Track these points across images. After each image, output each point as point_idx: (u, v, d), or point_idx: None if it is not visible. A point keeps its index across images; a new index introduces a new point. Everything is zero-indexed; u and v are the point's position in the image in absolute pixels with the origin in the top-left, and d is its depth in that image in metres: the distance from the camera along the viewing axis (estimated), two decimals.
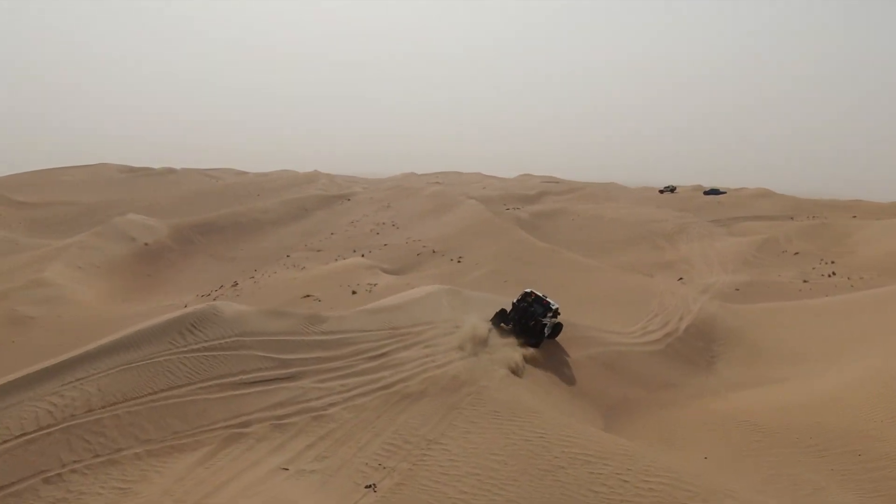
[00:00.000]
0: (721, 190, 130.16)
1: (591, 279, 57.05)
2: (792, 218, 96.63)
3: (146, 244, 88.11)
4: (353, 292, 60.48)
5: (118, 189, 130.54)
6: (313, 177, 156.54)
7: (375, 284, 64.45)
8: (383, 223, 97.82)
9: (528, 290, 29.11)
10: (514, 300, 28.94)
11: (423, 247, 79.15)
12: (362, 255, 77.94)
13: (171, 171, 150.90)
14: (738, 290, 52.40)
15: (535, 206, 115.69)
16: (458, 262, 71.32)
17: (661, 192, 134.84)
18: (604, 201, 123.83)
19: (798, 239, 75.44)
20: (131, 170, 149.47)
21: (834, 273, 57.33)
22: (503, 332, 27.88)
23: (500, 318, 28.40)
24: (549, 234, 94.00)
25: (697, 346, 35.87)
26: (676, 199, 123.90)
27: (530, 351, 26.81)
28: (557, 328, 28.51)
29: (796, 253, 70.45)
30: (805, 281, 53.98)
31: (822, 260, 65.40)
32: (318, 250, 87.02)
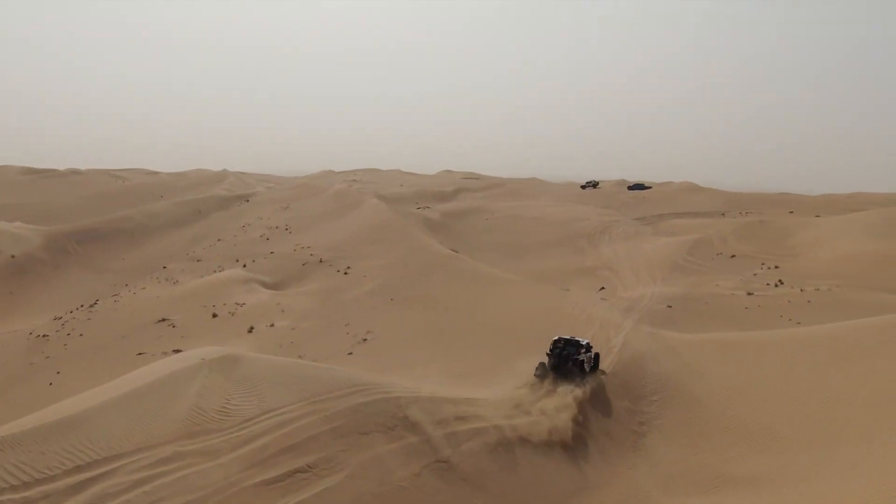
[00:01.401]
0: (646, 185, 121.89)
1: (493, 297, 46.50)
2: (723, 214, 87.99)
3: (13, 256, 78.74)
4: (214, 315, 51.66)
5: (15, 192, 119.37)
6: (221, 176, 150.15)
7: (243, 304, 54.44)
8: (276, 227, 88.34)
9: (556, 338, 28.47)
10: (548, 350, 28.03)
11: (311, 255, 69.52)
12: (244, 266, 69.12)
13: (75, 172, 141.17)
14: (670, 306, 42.14)
15: (449, 204, 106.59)
16: (345, 273, 60.82)
17: (583, 187, 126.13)
18: (523, 198, 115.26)
19: (734, 239, 66.19)
20: (33, 171, 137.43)
21: (781, 282, 47.63)
22: (547, 385, 26.52)
23: (542, 370, 27.44)
24: (459, 237, 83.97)
25: (620, 409, 25.03)
26: (599, 195, 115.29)
27: (577, 393, 25.62)
28: (596, 359, 28.21)
29: (733, 256, 61.04)
30: (750, 294, 44.03)
31: (763, 264, 56.03)
32: (199, 260, 77.92)
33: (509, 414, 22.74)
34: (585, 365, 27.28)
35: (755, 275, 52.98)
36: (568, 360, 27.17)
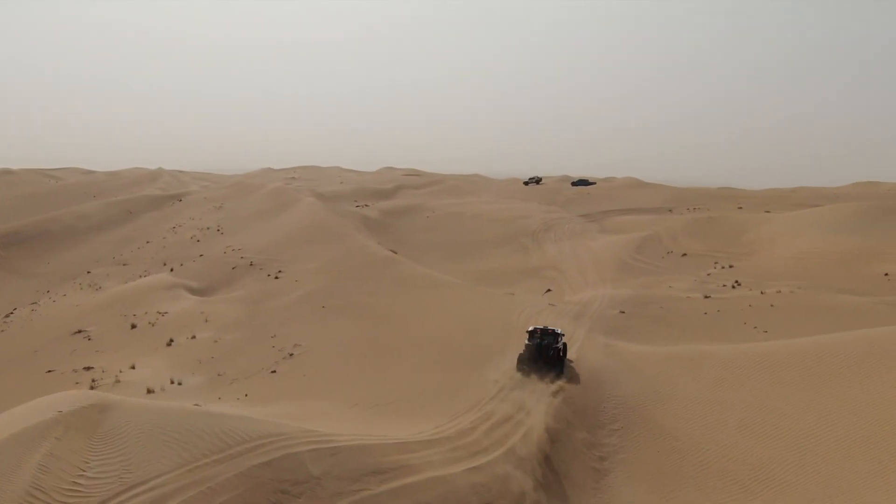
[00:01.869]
0: (590, 181, 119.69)
1: (433, 304, 42.73)
2: (671, 210, 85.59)
3: None
4: (133, 326, 47.25)
5: None
6: (156, 175, 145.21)
7: (165, 313, 49.89)
8: (208, 228, 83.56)
9: (531, 329, 28.84)
10: (526, 341, 28.14)
11: (242, 258, 65.03)
12: (171, 270, 65.42)
13: (8, 172, 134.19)
14: (623, 312, 38.67)
15: (389, 202, 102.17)
16: (276, 278, 56.63)
17: (526, 183, 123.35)
18: (465, 195, 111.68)
19: (684, 236, 63.54)
20: None
21: (738, 283, 44.72)
22: (527, 375, 26.47)
23: (522, 362, 27.33)
24: (399, 236, 79.92)
25: (577, 441, 21.02)
26: (543, 191, 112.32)
27: (558, 384, 25.50)
28: (565, 347, 28.29)
29: (684, 254, 58.29)
30: (707, 297, 40.88)
31: (717, 263, 53.32)
32: (125, 264, 73.50)
33: (452, 457, 18.58)
34: (562, 352, 27.64)
35: (709, 275, 50.18)
36: (549, 350, 27.26)
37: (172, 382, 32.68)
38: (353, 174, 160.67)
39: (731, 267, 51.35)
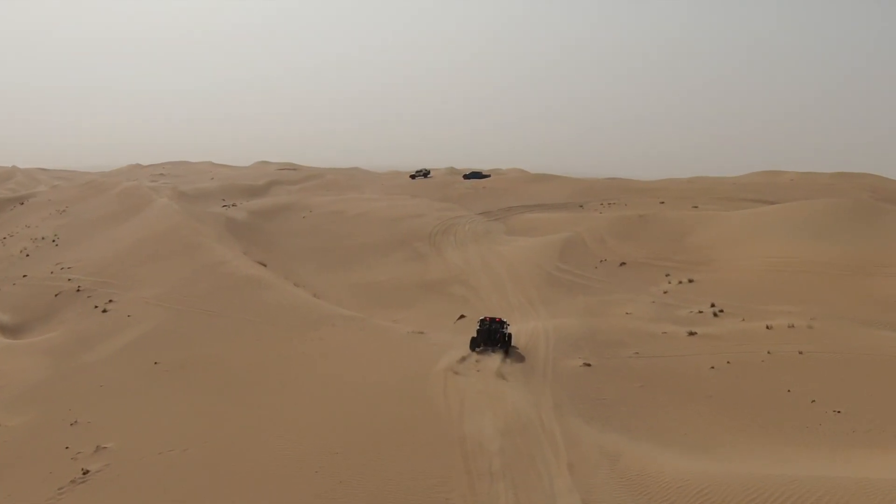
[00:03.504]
0: (483, 173, 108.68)
1: (313, 356, 30.06)
2: (581, 206, 75.23)
3: None
4: None
5: None
6: (9, 174, 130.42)
7: None
8: (43, 238, 68.00)
9: (483, 318, 32.47)
10: (477, 328, 31.58)
11: (70, 280, 50.57)
12: None
13: None
14: (588, 364, 26.61)
15: (260, 200, 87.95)
16: (104, 311, 42.42)
17: (413, 177, 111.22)
18: (346, 191, 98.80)
19: (613, 239, 52.95)
20: None
21: (721, 310, 33.67)
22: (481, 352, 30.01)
23: (474, 343, 30.67)
24: (270, 242, 66.05)
25: None
26: (433, 185, 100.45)
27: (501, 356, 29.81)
28: (510, 337, 31.55)
29: (623, 263, 47.57)
30: (692, 333, 29.60)
31: (669, 276, 42.80)
32: None
33: None
34: (508, 338, 31.01)
35: (666, 292, 39.50)
36: (496, 334, 30.84)
37: None
38: (226, 169, 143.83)
39: (690, 282, 40.70)
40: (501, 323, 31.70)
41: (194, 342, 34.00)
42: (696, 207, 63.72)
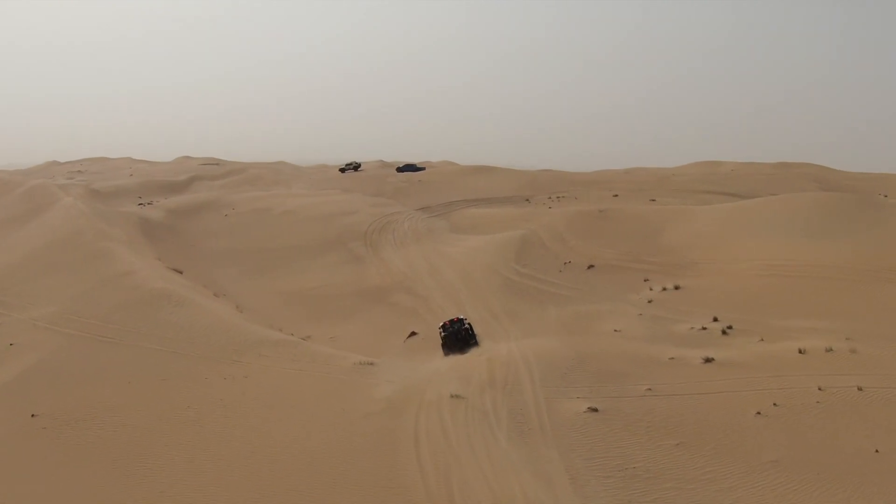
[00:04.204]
0: (418, 165, 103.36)
1: (231, 396, 23.07)
2: (528, 200, 70.06)
3: None
4: None
5: None
6: None
7: None
8: None
9: (443, 324, 32.80)
10: (443, 335, 31.85)
11: None
12: None
13: None
14: (595, 410, 20.68)
15: (179, 197, 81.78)
16: None
17: (343, 170, 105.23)
18: (271, 186, 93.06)
19: (574, 237, 47.54)
20: None
21: (730, 327, 28.19)
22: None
23: (446, 350, 30.99)
24: (188, 244, 59.45)
25: None
26: (365, 179, 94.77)
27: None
28: (471, 326, 32.44)
29: (591, 266, 42.07)
30: (709, 360, 24.01)
31: (648, 281, 37.42)
32: None
33: None
34: (472, 330, 32.01)
35: (650, 302, 34.08)
36: (460, 332, 31.60)
37: None
38: (146, 165, 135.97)
39: (676, 288, 35.43)
40: (461, 321, 32.61)
41: (85, 383, 26.85)
42: (653, 201, 59.24)
